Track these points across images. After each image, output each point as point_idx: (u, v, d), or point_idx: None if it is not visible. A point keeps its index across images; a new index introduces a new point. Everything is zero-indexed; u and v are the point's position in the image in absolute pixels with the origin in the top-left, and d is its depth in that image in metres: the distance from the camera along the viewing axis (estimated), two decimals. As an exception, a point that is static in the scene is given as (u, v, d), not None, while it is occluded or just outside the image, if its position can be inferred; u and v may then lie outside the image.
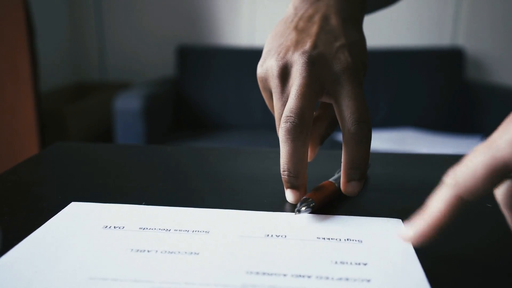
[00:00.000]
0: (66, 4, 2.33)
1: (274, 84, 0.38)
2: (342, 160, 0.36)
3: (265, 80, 0.40)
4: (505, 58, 2.24)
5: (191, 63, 2.21)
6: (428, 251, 0.29)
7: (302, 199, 0.35)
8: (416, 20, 2.26)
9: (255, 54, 2.25)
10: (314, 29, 0.39)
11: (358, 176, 0.36)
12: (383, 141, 1.85)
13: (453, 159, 0.49)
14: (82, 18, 2.40)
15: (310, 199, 0.35)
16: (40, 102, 1.50)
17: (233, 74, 2.20)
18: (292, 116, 0.35)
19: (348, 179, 0.36)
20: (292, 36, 0.39)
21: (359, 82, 0.36)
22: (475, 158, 0.25)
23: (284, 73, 0.38)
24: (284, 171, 0.35)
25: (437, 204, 0.27)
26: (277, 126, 0.39)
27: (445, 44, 2.27)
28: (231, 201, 0.37)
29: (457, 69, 2.18)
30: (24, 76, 1.38)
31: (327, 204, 0.37)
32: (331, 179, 0.39)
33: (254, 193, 0.39)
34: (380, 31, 2.22)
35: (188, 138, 1.96)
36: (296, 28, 0.40)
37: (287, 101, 0.37)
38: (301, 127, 0.35)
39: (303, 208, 0.34)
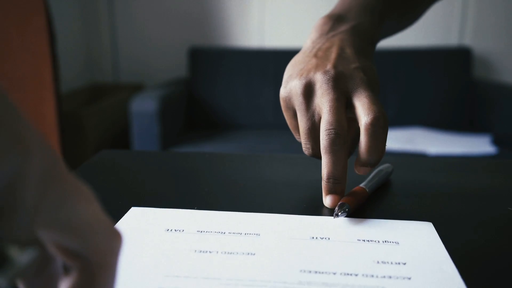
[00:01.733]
0: (81, 9, 2.38)
1: (298, 101, 0.42)
2: (360, 147, 0.40)
3: (289, 100, 0.43)
4: (509, 58, 2.27)
5: (203, 65, 2.25)
6: (458, 251, 0.33)
7: (338, 204, 0.39)
8: (424, 21, 2.29)
9: (265, 55, 2.30)
10: (332, 55, 0.43)
11: (374, 161, 0.40)
12: (392, 140, 1.88)
13: (470, 162, 0.53)
14: (96, 23, 2.44)
15: (346, 204, 0.39)
16: (61, 105, 1.54)
17: (243, 74, 2.23)
18: (333, 129, 0.39)
19: (364, 164, 0.40)
20: (313, 61, 0.44)
21: (374, 91, 0.42)
22: None
23: (308, 91, 0.42)
24: (329, 178, 0.39)
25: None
26: (303, 140, 0.42)
27: (452, 43, 2.30)
28: (274, 206, 0.41)
29: (464, 68, 2.21)
30: (46, 80, 1.42)
31: (359, 208, 0.41)
32: (361, 185, 0.43)
33: (293, 198, 0.43)
34: (389, 31, 2.25)
35: (203, 138, 2.00)
36: (315, 55, 0.44)
37: (312, 116, 0.41)
38: (344, 138, 0.39)
39: (340, 213, 0.38)
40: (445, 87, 2.21)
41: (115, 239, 0.20)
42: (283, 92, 0.44)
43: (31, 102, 1.43)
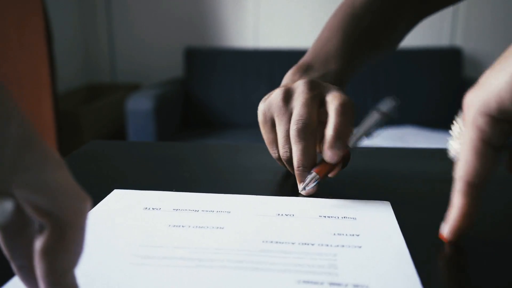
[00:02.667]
0: (79, 11, 2.41)
1: (277, 107, 0.44)
2: (327, 127, 0.41)
3: (268, 110, 0.45)
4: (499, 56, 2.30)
5: (199, 65, 2.29)
6: (410, 226, 0.36)
7: (308, 175, 0.41)
8: (416, 21, 2.32)
9: (259, 55, 2.33)
10: (306, 79, 0.47)
11: (339, 146, 0.41)
12: (384, 138, 1.92)
13: (438, 152, 0.56)
14: (93, 23, 2.48)
15: (316, 175, 0.41)
16: (57, 104, 1.58)
17: (238, 74, 2.27)
18: (301, 119, 0.42)
19: (329, 147, 0.41)
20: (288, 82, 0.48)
21: (343, 91, 0.45)
22: (463, 142, 0.29)
23: (287, 95, 0.45)
24: (298, 167, 0.42)
25: (456, 199, 0.31)
26: (281, 144, 0.44)
27: (444, 44, 2.34)
28: (247, 188, 0.45)
29: (455, 68, 2.25)
30: (43, 79, 1.46)
31: (327, 182, 0.44)
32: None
33: (265, 181, 0.47)
34: (381, 32, 2.29)
35: (197, 137, 2.03)
36: (291, 82, 0.49)
37: (290, 118, 0.43)
38: (311, 127, 0.42)
39: (307, 186, 0.41)
40: (437, 86, 2.24)
41: (83, 201, 0.23)
42: (262, 106, 0.46)
43: (29, 101, 1.47)
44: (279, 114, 0.44)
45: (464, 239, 0.33)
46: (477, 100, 0.28)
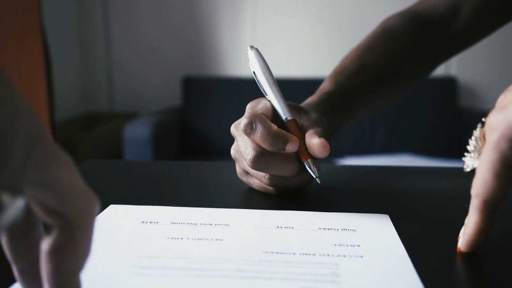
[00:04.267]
0: (77, 37, 2.45)
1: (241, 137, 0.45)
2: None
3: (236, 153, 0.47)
4: (495, 86, 2.34)
5: (196, 93, 2.31)
6: (410, 238, 0.36)
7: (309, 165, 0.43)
8: (411, 51, 2.36)
9: (256, 84, 2.34)
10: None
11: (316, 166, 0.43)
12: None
13: (437, 171, 0.56)
14: (92, 51, 2.51)
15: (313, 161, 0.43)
16: (55, 132, 1.57)
17: (236, 103, 2.28)
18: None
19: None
20: None
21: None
22: (483, 161, 0.29)
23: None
24: (274, 147, 0.42)
25: (472, 216, 0.31)
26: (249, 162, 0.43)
27: (439, 73, 2.37)
28: (245, 203, 0.44)
29: (451, 97, 2.27)
30: (41, 106, 1.46)
31: (323, 203, 0.43)
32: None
33: (264, 197, 0.46)
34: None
35: (193, 165, 2.03)
36: None
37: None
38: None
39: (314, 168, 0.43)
40: (433, 115, 2.26)
41: (91, 201, 0.23)
42: (232, 152, 0.48)
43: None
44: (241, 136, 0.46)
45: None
46: (501, 124, 0.29)
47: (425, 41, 0.61)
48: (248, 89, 2.29)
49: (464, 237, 0.32)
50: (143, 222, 0.39)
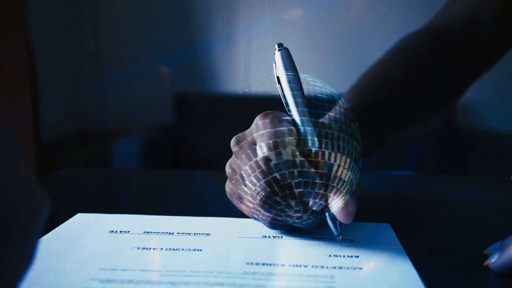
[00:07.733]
0: (68, 53, 2.42)
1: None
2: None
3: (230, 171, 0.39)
4: (492, 105, 2.31)
5: (189, 110, 2.27)
6: (413, 247, 0.31)
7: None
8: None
9: (250, 102, 2.32)
10: None
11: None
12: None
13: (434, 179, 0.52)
14: (83, 67, 2.47)
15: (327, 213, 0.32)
16: (40, 150, 1.49)
17: (229, 120, 2.25)
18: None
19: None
20: None
21: None
22: None
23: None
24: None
25: None
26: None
27: (434, 91, 2.35)
28: (229, 212, 0.39)
29: (448, 116, 2.25)
30: (25, 123, 1.37)
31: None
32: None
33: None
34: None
35: (185, 183, 1.98)
36: None
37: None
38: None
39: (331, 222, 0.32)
40: (431, 134, 2.23)
41: (38, 200, 0.19)
42: (226, 169, 0.41)
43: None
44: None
45: (473, 258, 0.28)
46: None
47: (447, 58, 0.54)
48: (241, 106, 2.25)
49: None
50: (112, 231, 0.35)
